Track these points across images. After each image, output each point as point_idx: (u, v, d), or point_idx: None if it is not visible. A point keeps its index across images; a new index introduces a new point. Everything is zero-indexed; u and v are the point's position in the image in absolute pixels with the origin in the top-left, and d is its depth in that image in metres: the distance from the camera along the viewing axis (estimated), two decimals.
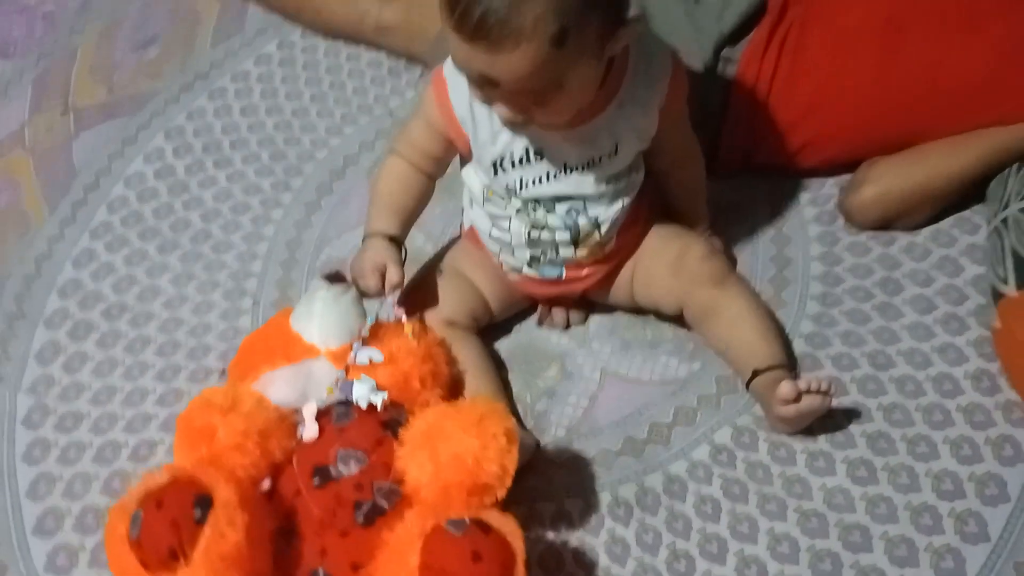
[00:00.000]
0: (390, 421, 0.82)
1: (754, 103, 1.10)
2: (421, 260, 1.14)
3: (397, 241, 0.97)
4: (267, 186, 1.26)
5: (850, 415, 0.99)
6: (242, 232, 1.21)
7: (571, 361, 1.06)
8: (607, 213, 0.96)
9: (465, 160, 0.98)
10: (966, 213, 1.13)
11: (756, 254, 1.13)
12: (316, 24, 1.42)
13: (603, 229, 0.97)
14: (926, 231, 1.13)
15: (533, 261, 1.00)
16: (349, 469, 0.79)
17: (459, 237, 1.10)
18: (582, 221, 0.95)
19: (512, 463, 0.78)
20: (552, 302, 1.07)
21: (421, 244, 1.18)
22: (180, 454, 0.82)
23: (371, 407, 0.83)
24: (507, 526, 0.76)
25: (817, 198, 1.17)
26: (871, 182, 1.09)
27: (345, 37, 1.40)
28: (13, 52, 1.47)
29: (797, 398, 0.90)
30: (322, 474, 0.79)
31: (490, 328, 1.08)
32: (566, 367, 1.06)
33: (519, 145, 0.90)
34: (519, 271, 1.02)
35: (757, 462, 0.97)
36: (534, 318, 1.10)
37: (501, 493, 0.78)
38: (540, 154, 0.91)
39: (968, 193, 1.11)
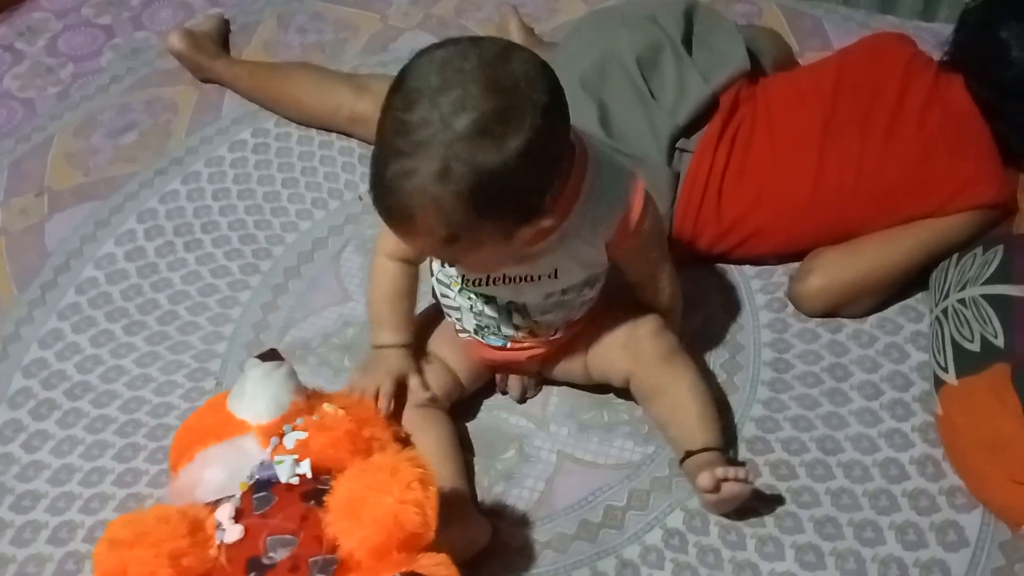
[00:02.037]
0: (312, 491, 0.84)
1: (704, 194, 1.16)
2: None
3: (411, 348, 1.03)
4: (236, 268, 1.28)
5: (799, 499, 1.01)
6: (209, 314, 1.23)
7: (529, 444, 1.08)
8: (545, 316, 0.98)
9: None
10: (910, 301, 1.18)
11: (709, 339, 1.16)
12: (293, 113, 1.47)
13: (541, 326, 1.00)
14: (872, 319, 1.17)
15: (479, 330, 1.03)
16: (281, 554, 0.80)
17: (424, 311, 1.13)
18: (516, 318, 0.98)
19: (432, 506, 0.80)
20: (508, 369, 1.09)
21: None
22: None
23: (290, 483, 0.85)
24: (440, 568, 0.79)
25: (767, 286, 1.21)
26: (816, 273, 1.14)
27: (320, 126, 1.45)
28: None
29: (716, 487, 0.92)
30: (256, 567, 0.79)
31: (456, 408, 1.09)
32: (524, 450, 1.08)
33: None
34: (468, 335, 1.05)
35: (708, 546, 0.99)
36: (499, 397, 1.12)
37: (430, 535, 0.80)
38: None
39: (908, 283, 1.16)
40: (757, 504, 0.99)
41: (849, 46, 1.24)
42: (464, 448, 1.07)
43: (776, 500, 1.01)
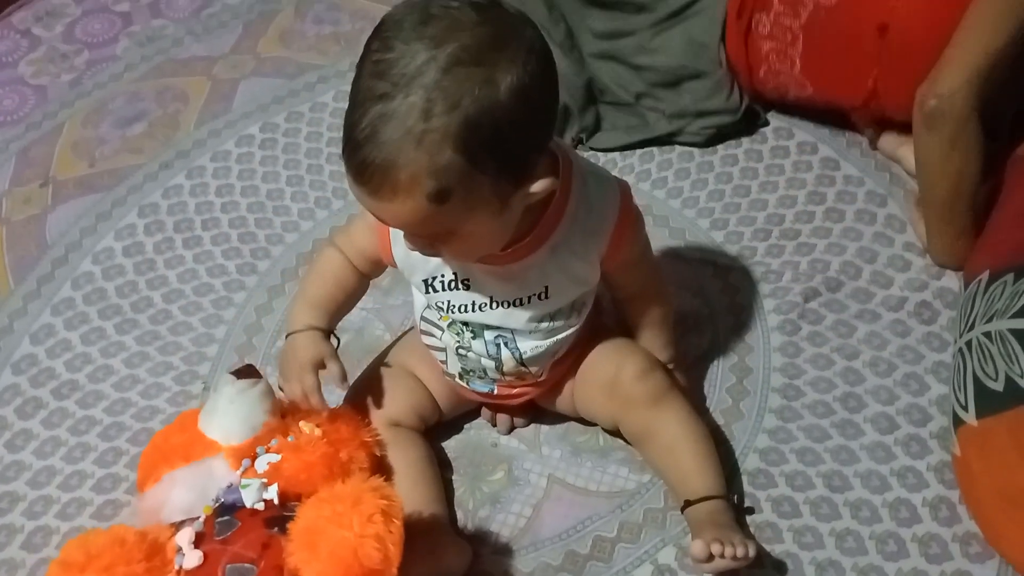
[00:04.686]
0: (276, 518, 0.80)
1: None
2: (379, 350, 1.12)
3: (326, 334, 0.94)
4: (232, 268, 1.25)
5: (801, 540, 0.95)
6: (202, 314, 1.20)
7: (519, 466, 1.03)
8: (535, 350, 0.92)
9: None
10: (935, 328, 1.11)
11: (716, 361, 1.10)
12: None
13: (529, 365, 0.94)
14: (893, 346, 1.09)
15: (464, 374, 0.97)
16: None
17: (411, 330, 1.08)
18: (505, 354, 0.92)
19: (394, 541, 0.75)
20: (495, 409, 1.04)
21: (380, 334, 1.16)
22: None
23: (255, 508, 0.81)
24: None
25: (781, 306, 1.14)
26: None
27: None
28: (3, 122, 1.49)
29: (711, 558, 0.86)
30: None
31: (439, 425, 1.05)
32: (513, 472, 1.03)
33: (448, 269, 0.87)
34: (453, 378, 1.00)
35: None
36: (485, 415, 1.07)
37: (392, 572, 0.76)
38: (467, 284, 0.88)
39: None
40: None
41: None
42: (447, 467, 1.03)
43: (776, 539, 0.95)
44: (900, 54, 1.15)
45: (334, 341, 0.95)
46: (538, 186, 0.75)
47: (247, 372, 0.92)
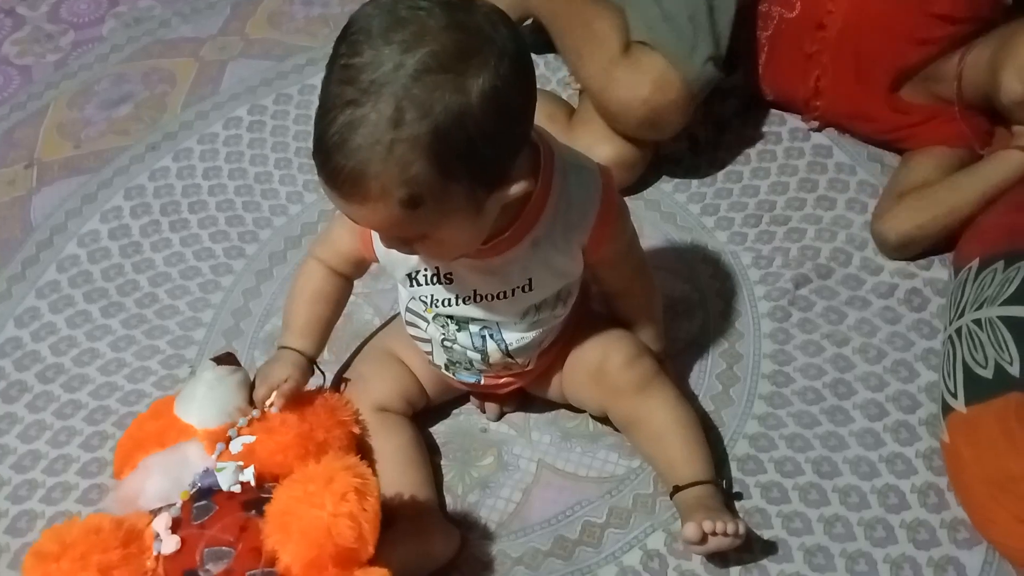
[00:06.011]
0: (253, 500, 0.80)
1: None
2: (367, 334, 1.12)
3: (311, 356, 0.95)
4: (220, 251, 1.24)
5: (790, 526, 0.95)
6: (189, 298, 1.19)
7: (508, 451, 1.03)
8: (521, 341, 0.91)
9: None
10: (924, 315, 1.11)
11: (706, 347, 1.10)
12: None
13: (515, 356, 0.93)
14: (883, 333, 1.09)
15: (450, 365, 0.97)
16: (218, 567, 0.76)
17: (399, 315, 1.07)
18: (491, 346, 0.91)
19: (368, 519, 0.75)
20: (483, 398, 1.04)
21: (369, 318, 1.16)
22: None
23: (231, 491, 0.81)
24: None
25: (771, 292, 1.14)
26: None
27: None
28: None
29: (703, 539, 0.86)
30: None
31: (428, 410, 1.05)
32: (503, 457, 1.02)
33: (431, 264, 0.86)
34: (440, 369, 0.99)
35: (689, 571, 0.93)
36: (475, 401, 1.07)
37: (368, 550, 0.76)
38: (449, 278, 0.86)
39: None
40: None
41: None
42: (437, 452, 1.02)
43: (765, 524, 0.95)
44: (836, 51, 1.20)
45: (319, 376, 0.98)
46: (514, 189, 0.74)
47: (227, 360, 0.92)
